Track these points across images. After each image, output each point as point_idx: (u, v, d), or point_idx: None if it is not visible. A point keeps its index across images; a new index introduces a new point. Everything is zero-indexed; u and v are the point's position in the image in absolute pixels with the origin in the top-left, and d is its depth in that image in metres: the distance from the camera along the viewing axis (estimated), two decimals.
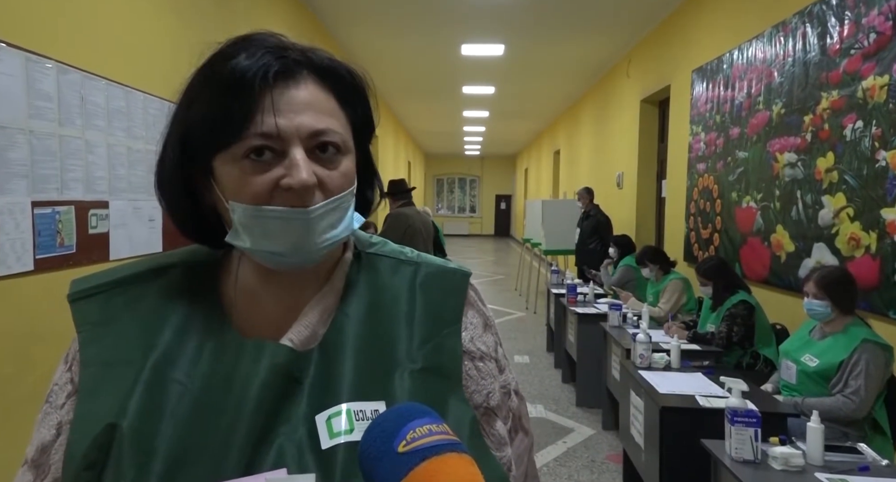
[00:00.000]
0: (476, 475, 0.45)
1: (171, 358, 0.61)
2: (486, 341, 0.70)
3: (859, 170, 2.85)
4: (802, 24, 3.38)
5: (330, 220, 0.61)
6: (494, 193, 23.67)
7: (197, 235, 0.67)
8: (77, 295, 0.66)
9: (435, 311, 0.66)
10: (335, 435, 0.56)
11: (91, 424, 0.58)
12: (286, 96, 0.59)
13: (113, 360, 0.61)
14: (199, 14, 3.33)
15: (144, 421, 0.57)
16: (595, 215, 6.70)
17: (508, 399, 0.70)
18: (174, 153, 0.62)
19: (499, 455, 0.64)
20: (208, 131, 0.59)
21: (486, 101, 10.85)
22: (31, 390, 2.04)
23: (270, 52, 0.60)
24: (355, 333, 0.63)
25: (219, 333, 0.63)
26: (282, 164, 0.59)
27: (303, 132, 0.59)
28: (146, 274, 0.68)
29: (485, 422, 0.65)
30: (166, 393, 0.59)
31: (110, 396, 0.59)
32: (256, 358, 0.60)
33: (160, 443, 0.56)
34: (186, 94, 0.62)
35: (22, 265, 2.01)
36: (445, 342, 0.65)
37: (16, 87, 1.98)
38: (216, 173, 0.61)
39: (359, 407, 0.58)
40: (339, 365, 0.61)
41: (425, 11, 5.77)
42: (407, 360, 0.62)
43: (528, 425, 0.74)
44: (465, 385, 0.65)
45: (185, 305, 0.65)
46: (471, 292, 0.71)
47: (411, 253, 0.72)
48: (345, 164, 0.63)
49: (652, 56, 6.16)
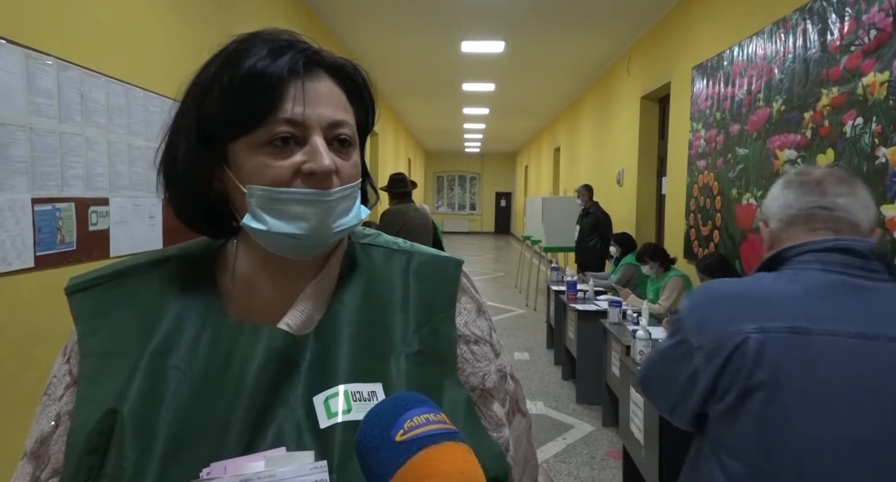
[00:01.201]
0: (473, 463, 0.45)
1: (170, 345, 0.62)
2: (480, 326, 0.72)
3: (859, 167, 2.85)
4: (803, 21, 3.37)
5: (344, 206, 0.64)
6: (494, 191, 23.65)
7: (200, 225, 0.68)
8: (74, 288, 0.67)
9: (429, 298, 0.68)
10: (333, 415, 0.58)
11: (92, 410, 0.59)
12: (310, 88, 0.62)
13: (112, 350, 0.62)
14: (199, 11, 3.32)
15: (145, 405, 0.58)
16: (595, 212, 6.70)
17: (505, 382, 0.72)
18: (190, 142, 0.63)
19: (496, 435, 0.66)
20: (229, 118, 0.61)
21: (486, 98, 10.83)
22: (31, 387, 2.04)
23: (292, 47, 0.63)
24: (350, 319, 0.65)
25: (216, 321, 0.64)
26: (302, 151, 0.61)
27: (324, 121, 0.62)
28: (143, 266, 0.69)
29: (482, 404, 0.67)
30: (165, 379, 0.60)
31: (111, 384, 0.60)
32: (253, 341, 0.61)
33: (161, 427, 0.57)
34: (202, 86, 0.63)
35: (22, 262, 2.01)
36: (440, 327, 0.67)
37: (16, 83, 1.98)
38: (232, 159, 0.63)
39: (356, 388, 0.60)
40: (335, 349, 0.62)
41: (425, 8, 5.76)
42: (402, 345, 0.64)
43: (524, 407, 0.76)
44: (461, 368, 0.67)
45: (182, 295, 0.66)
46: (464, 279, 0.73)
47: (404, 243, 0.75)
48: (354, 157, 0.66)
49: (652, 53, 6.15)
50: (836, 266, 1.13)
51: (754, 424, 1.07)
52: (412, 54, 7.62)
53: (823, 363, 1.04)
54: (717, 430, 1.15)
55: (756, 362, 1.06)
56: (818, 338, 1.06)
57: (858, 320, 1.07)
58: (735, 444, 1.10)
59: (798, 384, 1.05)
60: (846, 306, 1.09)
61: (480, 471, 0.45)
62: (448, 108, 12.18)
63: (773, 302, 1.12)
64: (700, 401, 1.14)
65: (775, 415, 1.06)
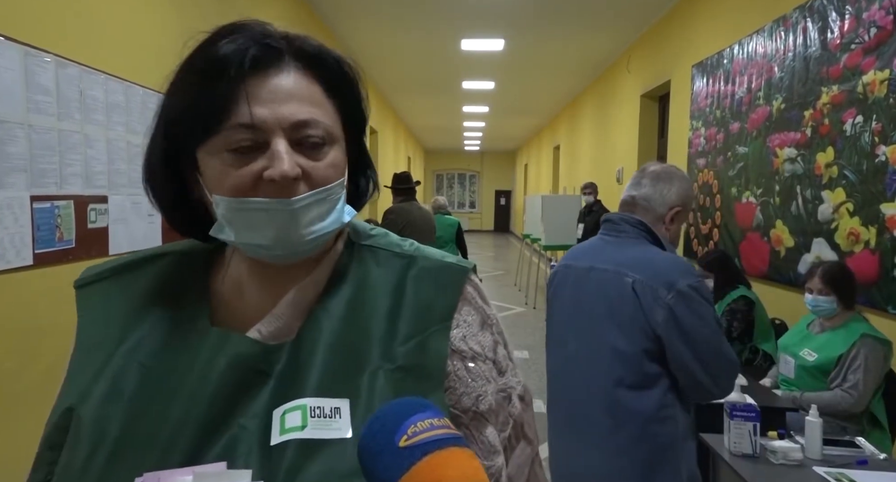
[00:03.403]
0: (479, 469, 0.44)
1: (142, 342, 0.61)
2: (482, 341, 0.65)
3: (859, 165, 2.85)
4: (803, 19, 3.37)
5: (317, 212, 0.59)
6: (494, 189, 23.64)
7: (186, 229, 0.66)
8: (82, 281, 0.67)
9: (424, 307, 0.63)
10: (286, 431, 0.54)
11: (59, 407, 0.60)
12: (268, 85, 0.57)
13: (92, 346, 0.62)
14: (199, 8, 3.32)
15: (104, 405, 0.57)
16: (598, 211, 6.74)
17: (508, 404, 0.65)
18: (159, 146, 0.61)
19: (487, 464, 0.60)
20: (189, 122, 0.57)
21: (485, 96, 10.82)
22: (31, 385, 2.04)
23: (251, 39, 0.58)
24: (331, 329, 0.60)
25: (192, 323, 0.62)
26: (265, 156, 0.57)
27: (285, 122, 0.57)
28: (140, 261, 0.68)
29: (473, 428, 0.61)
30: (128, 376, 0.59)
31: (81, 380, 0.60)
32: (219, 348, 0.59)
33: (113, 427, 0.56)
34: (171, 84, 0.60)
35: (21, 259, 2.00)
36: (430, 340, 0.61)
37: (14, 81, 1.97)
38: (200, 166, 0.59)
39: (318, 403, 0.55)
40: (310, 360, 0.58)
41: (425, 6, 5.75)
42: (381, 359, 0.59)
43: (531, 434, 0.68)
44: (452, 386, 0.61)
45: (169, 293, 0.65)
46: (468, 288, 0.67)
47: (410, 246, 0.69)
48: (332, 155, 0.60)
49: (652, 51, 6.14)
50: (603, 228, 1.79)
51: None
52: (412, 52, 7.61)
53: (571, 284, 1.74)
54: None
55: (550, 283, 1.86)
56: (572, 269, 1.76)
57: (592, 259, 1.71)
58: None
59: (561, 296, 1.77)
60: (591, 251, 1.76)
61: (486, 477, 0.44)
62: (448, 106, 12.17)
63: (571, 251, 1.87)
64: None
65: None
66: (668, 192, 1.69)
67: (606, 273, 1.63)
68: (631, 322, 1.55)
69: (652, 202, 1.70)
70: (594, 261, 1.69)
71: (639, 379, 1.54)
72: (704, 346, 1.51)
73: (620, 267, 1.60)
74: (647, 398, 1.54)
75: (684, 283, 1.52)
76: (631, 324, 1.55)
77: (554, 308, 1.80)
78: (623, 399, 1.54)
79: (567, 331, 1.73)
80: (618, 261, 1.62)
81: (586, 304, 1.66)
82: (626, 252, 1.65)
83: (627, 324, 1.56)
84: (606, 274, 1.63)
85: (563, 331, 1.75)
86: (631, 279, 1.56)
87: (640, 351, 1.54)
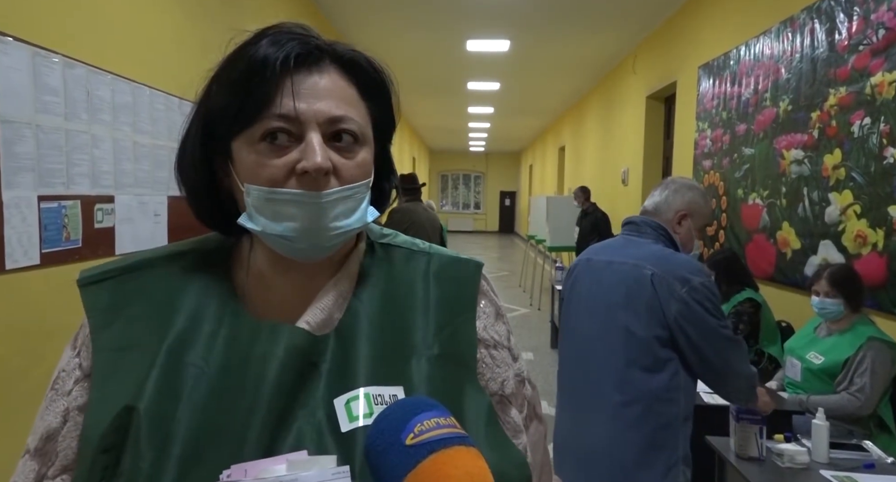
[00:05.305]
0: (483, 468, 0.45)
1: (186, 342, 0.61)
2: (499, 330, 0.70)
3: (867, 167, 2.83)
4: (810, 20, 3.35)
5: (343, 209, 0.61)
6: (499, 190, 23.64)
7: (212, 220, 0.67)
8: (87, 280, 0.65)
9: (449, 300, 0.67)
10: (354, 418, 0.56)
11: (108, 407, 0.57)
12: (307, 82, 0.60)
13: (126, 345, 0.61)
14: (205, 9, 3.32)
15: (162, 403, 0.57)
16: (593, 213, 6.82)
17: (523, 387, 0.71)
18: (196, 135, 0.63)
19: (515, 442, 0.64)
20: (228, 113, 0.60)
21: (491, 97, 10.82)
22: (38, 384, 2.05)
23: (295, 39, 0.61)
24: (370, 320, 0.63)
25: (233, 317, 0.63)
26: (298, 149, 0.59)
27: (321, 117, 0.60)
28: (158, 260, 0.67)
29: (500, 410, 0.66)
30: (182, 376, 0.58)
31: (127, 380, 0.59)
32: (274, 340, 0.60)
33: (178, 426, 0.55)
34: (213, 77, 0.63)
35: (28, 259, 2.01)
36: (461, 329, 0.65)
37: (23, 81, 1.98)
38: (234, 157, 0.61)
39: (377, 391, 0.58)
40: (355, 350, 0.61)
41: (430, 7, 5.76)
42: (423, 347, 0.62)
43: (541, 413, 0.74)
44: (481, 373, 0.66)
45: (197, 290, 0.65)
46: (483, 282, 0.71)
47: (423, 244, 0.72)
48: (361, 155, 0.63)
49: (658, 52, 6.13)
50: (624, 229, 1.92)
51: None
52: (417, 53, 7.61)
53: (591, 275, 1.86)
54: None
55: (568, 275, 1.97)
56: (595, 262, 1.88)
57: (612, 254, 1.84)
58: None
59: (579, 287, 1.89)
60: (611, 247, 1.89)
61: (490, 475, 0.45)
62: (453, 106, 12.17)
63: (591, 247, 1.99)
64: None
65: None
66: (673, 199, 1.86)
67: (625, 265, 1.77)
68: (647, 310, 1.68)
69: (660, 208, 1.87)
70: (614, 257, 1.82)
71: (650, 361, 1.68)
72: (713, 334, 1.67)
73: (640, 260, 1.74)
74: (656, 379, 1.67)
75: (697, 280, 1.68)
76: (647, 312, 1.68)
77: (571, 297, 1.91)
78: (634, 378, 1.68)
79: (583, 317, 1.85)
80: (637, 257, 1.76)
81: (604, 292, 1.79)
82: (645, 249, 1.79)
83: (644, 311, 1.69)
84: (625, 266, 1.77)
85: (580, 318, 1.87)
86: (650, 272, 1.70)
87: (652, 336, 1.68)
